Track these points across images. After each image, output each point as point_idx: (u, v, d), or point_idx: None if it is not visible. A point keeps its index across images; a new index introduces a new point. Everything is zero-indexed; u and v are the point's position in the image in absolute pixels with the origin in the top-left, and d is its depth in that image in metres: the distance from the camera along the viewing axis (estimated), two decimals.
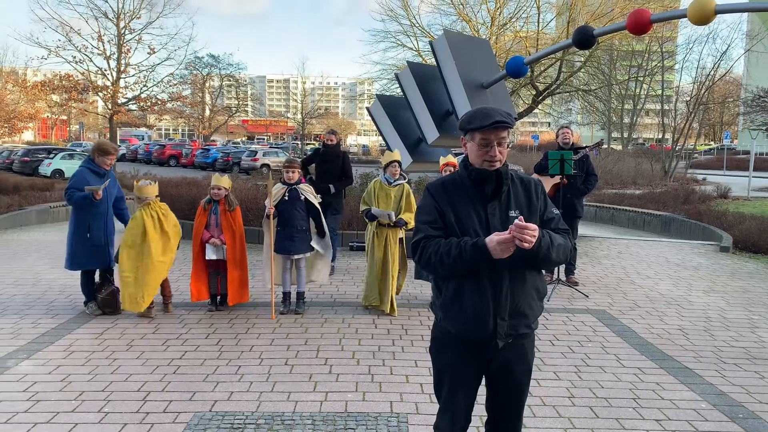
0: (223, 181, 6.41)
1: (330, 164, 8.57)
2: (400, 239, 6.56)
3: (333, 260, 7.88)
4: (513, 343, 2.52)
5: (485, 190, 2.50)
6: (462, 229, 2.46)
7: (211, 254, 6.30)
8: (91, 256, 6.16)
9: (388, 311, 6.38)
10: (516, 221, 2.28)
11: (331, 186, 8.36)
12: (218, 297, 6.45)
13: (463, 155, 2.62)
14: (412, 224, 6.43)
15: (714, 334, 5.94)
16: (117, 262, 6.13)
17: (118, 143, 40.10)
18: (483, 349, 2.52)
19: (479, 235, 2.41)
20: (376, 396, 4.31)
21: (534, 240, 2.28)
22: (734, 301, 7.28)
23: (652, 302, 7.12)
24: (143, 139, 60.07)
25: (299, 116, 63.37)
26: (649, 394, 4.42)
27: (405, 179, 6.80)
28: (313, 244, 6.43)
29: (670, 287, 7.89)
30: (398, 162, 6.60)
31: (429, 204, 2.56)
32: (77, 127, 60.87)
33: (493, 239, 2.31)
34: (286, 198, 6.30)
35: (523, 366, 2.59)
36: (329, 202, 8.12)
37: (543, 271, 2.68)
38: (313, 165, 8.84)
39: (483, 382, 2.67)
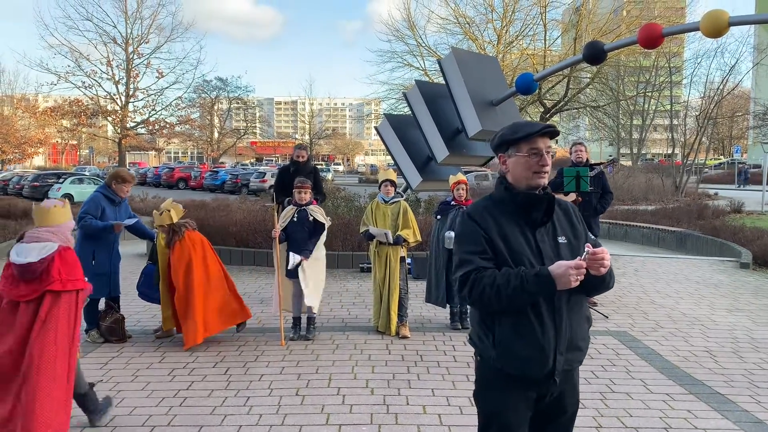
0: (158, 219, 5.91)
1: None
2: (402, 258, 6.40)
3: None
4: (565, 376, 2.33)
5: (533, 215, 2.29)
6: (514, 258, 2.24)
7: None
8: (94, 284, 5.99)
9: (392, 333, 6.24)
10: (587, 250, 2.13)
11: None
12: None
13: (498, 176, 2.42)
14: (411, 240, 6.29)
15: (743, 356, 5.68)
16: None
17: (127, 167, 40.28)
18: (538, 387, 2.31)
19: (533, 264, 2.22)
20: (393, 428, 4.09)
21: (609, 264, 2.15)
22: (760, 320, 7.01)
23: (675, 322, 6.87)
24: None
25: (307, 137, 63.66)
26: (682, 423, 4.18)
27: (402, 197, 6.67)
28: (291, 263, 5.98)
29: (692, 306, 7.63)
30: (390, 181, 6.47)
31: (474, 232, 2.30)
32: (87, 151, 61.43)
33: (561, 266, 2.11)
34: (295, 219, 6.13)
35: (574, 398, 2.43)
36: None
37: None
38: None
39: None
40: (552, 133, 2.29)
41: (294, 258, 6.00)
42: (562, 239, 2.31)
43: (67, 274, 3.71)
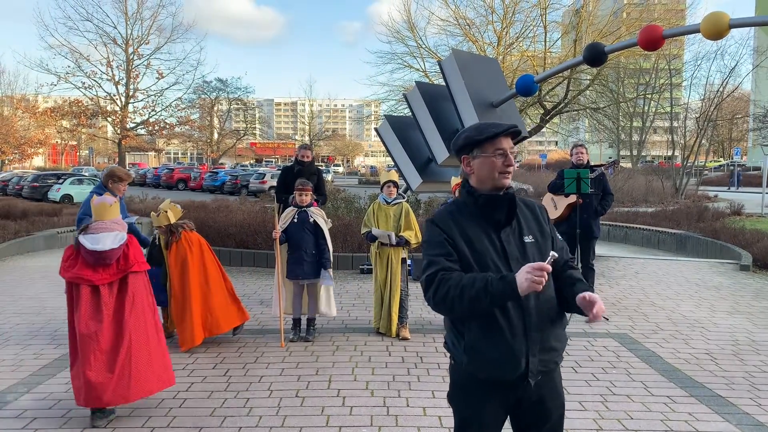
0: (156, 221, 5.92)
1: None
2: (403, 259, 6.40)
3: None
4: (543, 378, 2.30)
5: (496, 216, 2.29)
6: (478, 261, 2.23)
7: None
8: None
9: (393, 334, 6.24)
10: (553, 255, 2.11)
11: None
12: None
13: (462, 179, 2.42)
14: (412, 241, 6.29)
15: (744, 359, 5.67)
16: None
17: (127, 167, 40.31)
18: (513, 391, 2.28)
19: (497, 265, 2.21)
20: (393, 430, 4.08)
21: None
22: (761, 322, 6.99)
23: (675, 324, 6.86)
24: None
25: (307, 138, 63.71)
26: (682, 426, 4.17)
27: (404, 198, 6.66)
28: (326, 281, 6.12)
29: (692, 308, 7.62)
30: (393, 182, 6.48)
31: (437, 236, 2.29)
32: (87, 152, 61.40)
33: (523, 268, 2.08)
34: (295, 221, 6.12)
35: (557, 401, 2.38)
36: None
37: None
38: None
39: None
40: (515, 133, 2.30)
41: (325, 277, 6.10)
42: (528, 239, 2.30)
43: (140, 257, 4.37)
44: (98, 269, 4.16)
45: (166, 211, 5.86)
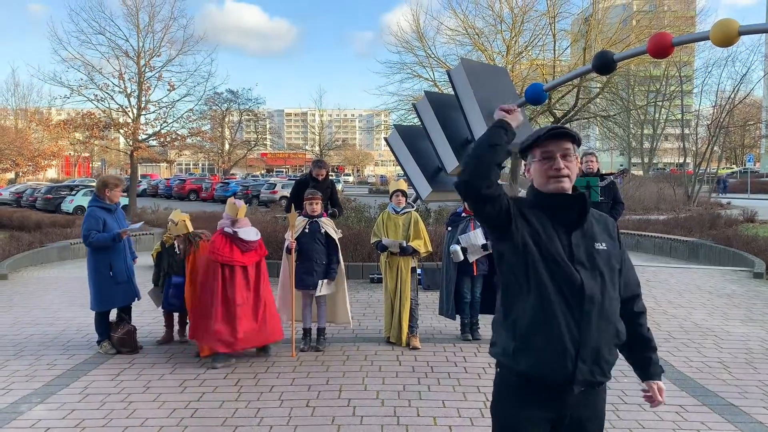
0: (175, 230, 6.32)
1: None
2: (413, 268, 6.40)
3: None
4: (587, 396, 2.20)
5: (569, 217, 2.20)
6: (543, 251, 2.14)
7: None
8: (117, 294, 6.07)
9: (403, 344, 6.24)
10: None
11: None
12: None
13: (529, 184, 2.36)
14: (422, 251, 6.29)
15: (757, 368, 5.62)
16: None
17: (138, 178, 40.69)
18: (556, 399, 2.18)
19: (563, 261, 2.13)
20: None
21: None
22: None
23: (688, 333, 6.81)
24: None
25: (317, 148, 63.92)
26: None
27: (413, 207, 6.67)
28: (321, 290, 6.09)
29: (705, 316, 7.56)
30: (402, 191, 6.48)
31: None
32: (99, 163, 61.93)
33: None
34: (307, 231, 6.16)
35: (597, 423, 2.28)
36: None
37: None
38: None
39: None
40: (562, 134, 2.20)
41: (322, 285, 6.10)
42: (601, 246, 2.21)
43: (263, 245, 5.98)
44: (245, 254, 5.69)
45: (184, 221, 6.02)
